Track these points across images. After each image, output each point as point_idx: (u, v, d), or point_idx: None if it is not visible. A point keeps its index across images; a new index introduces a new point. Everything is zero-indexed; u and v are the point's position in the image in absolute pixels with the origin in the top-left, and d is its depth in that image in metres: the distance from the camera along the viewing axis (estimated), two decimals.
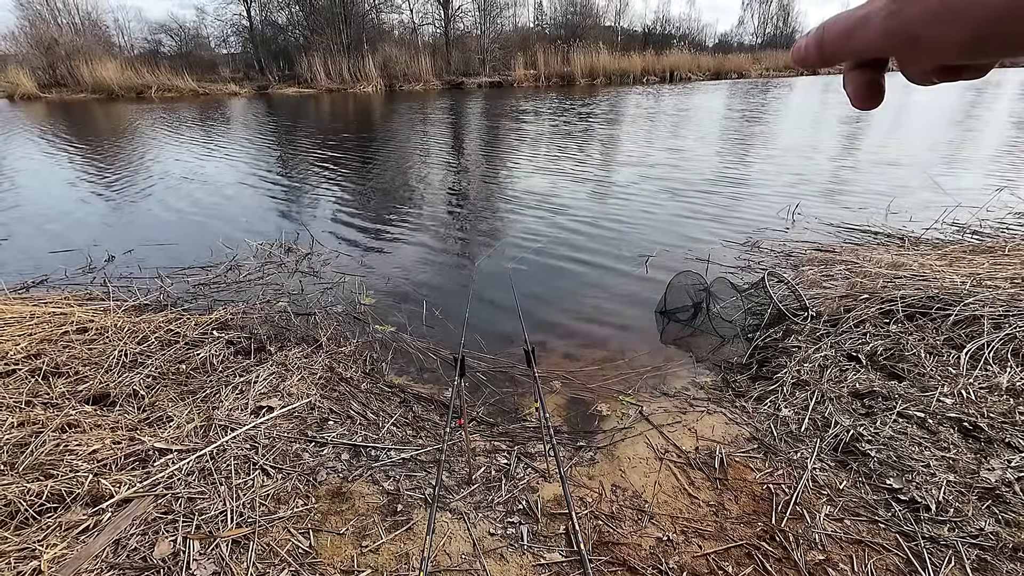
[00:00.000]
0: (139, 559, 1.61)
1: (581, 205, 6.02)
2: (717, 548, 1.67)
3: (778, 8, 46.71)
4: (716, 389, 2.60)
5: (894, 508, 1.76)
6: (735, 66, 33.56)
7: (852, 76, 0.29)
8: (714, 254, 4.32)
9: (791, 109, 15.90)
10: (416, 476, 2.02)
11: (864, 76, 0.29)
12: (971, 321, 2.66)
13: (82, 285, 3.91)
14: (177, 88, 26.52)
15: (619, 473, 2.03)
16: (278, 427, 2.24)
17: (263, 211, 6.11)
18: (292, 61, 30.38)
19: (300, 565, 1.62)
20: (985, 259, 3.58)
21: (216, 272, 4.15)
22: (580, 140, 10.75)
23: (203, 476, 1.94)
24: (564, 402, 2.56)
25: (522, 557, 1.67)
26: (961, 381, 2.28)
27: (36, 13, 29.02)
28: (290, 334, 3.12)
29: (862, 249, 4.17)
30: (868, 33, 0.25)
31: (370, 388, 2.64)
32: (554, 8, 38.07)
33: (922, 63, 0.26)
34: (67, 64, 26.33)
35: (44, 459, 1.95)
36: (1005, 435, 1.98)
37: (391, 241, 5.00)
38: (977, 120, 12.15)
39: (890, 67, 0.28)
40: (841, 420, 2.17)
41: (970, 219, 4.74)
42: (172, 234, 5.21)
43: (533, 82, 29.12)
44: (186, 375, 2.61)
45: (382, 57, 28.81)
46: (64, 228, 5.47)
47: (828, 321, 2.93)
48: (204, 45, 34.09)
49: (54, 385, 2.44)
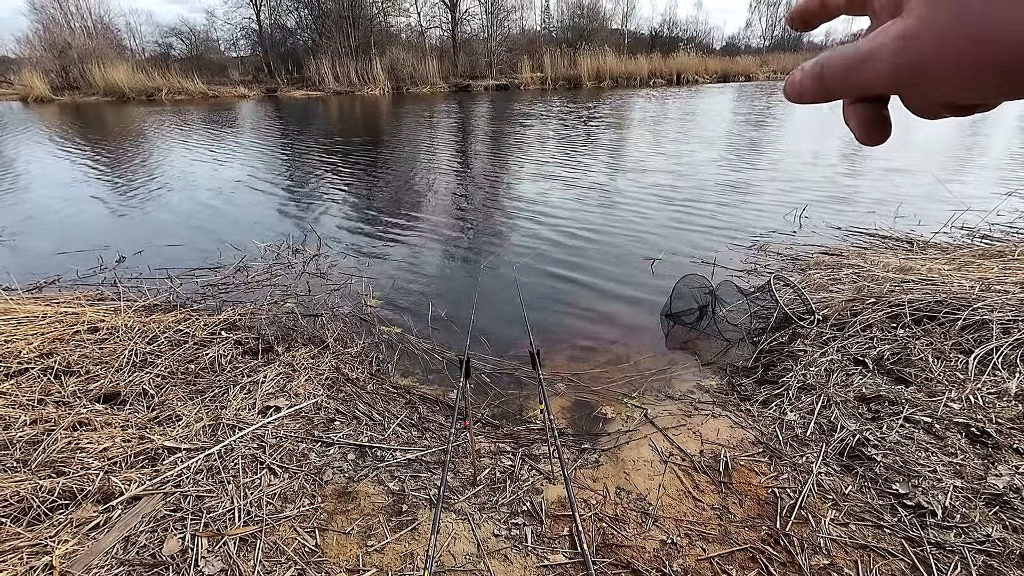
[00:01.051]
0: (148, 556, 1.64)
1: (586, 208, 6.03)
2: (721, 552, 1.67)
3: (786, 11, 46.52)
4: (721, 393, 2.59)
5: (900, 513, 1.75)
6: (742, 69, 33.44)
7: (854, 111, 0.28)
8: (720, 257, 4.32)
9: (798, 112, 15.81)
10: (421, 477, 2.03)
11: (868, 110, 0.27)
12: (979, 326, 2.65)
13: (93, 285, 3.96)
14: (187, 91, 26.78)
15: (623, 476, 2.03)
16: (285, 427, 2.26)
17: (271, 213, 6.16)
18: (300, 64, 30.62)
19: (306, 564, 1.64)
20: (994, 263, 3.55)
21: (225, 273, 4.19)
22: (585, 144, 10.76)
23: (211, 475, 1.96)
24: (569, 404, 2.56)
25: (526, 558, 1.68)
26: (969, 386, 2.27)
27: (50, 17, 29.48)
28: (297, 335, 3.15)
29: (869, 253, 4.15)
30: (875, 70, 0.23)
31: (376, 389, 2.66)
32: (561, 11, 38.14)
33: (934, 101, 0.24)
34: (79, 67, 26.67)
35: (56, 457, 1.98)
36: (1013, 441, 1.97)
37: (397, 243, 5.03)
38: (985, 124, 12.04)
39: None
40: (847, 424, 2.16)
41: (979, 223, 4.70)
42: (182, 235, 5.26)
43: (540, 85, 29.16)
44: (195, 375, 2.64)
45: (389, 60, 28.96)
46: (76, 229, 5.55)
47: (835, 325, 2.92)
48: (214, 48, 34.46)
49: (66, 384, 2.48)
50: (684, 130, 12.30)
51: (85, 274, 4.22)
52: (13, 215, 6.13)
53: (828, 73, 0.25)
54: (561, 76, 29.62)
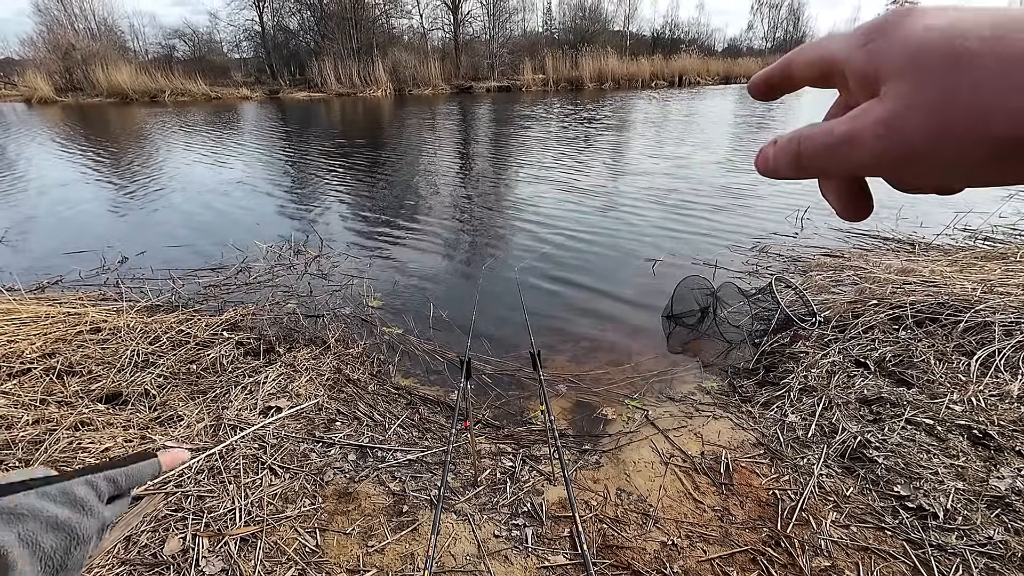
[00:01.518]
0: (149, 555, 1.64)
1: (587, 210, 6.03)
2: (722, 553, 1.67)
3: (788, 13, 46.59)
4: (722, 394, 2.59)
5: (901, 515, 1.75)
6: (744, 70, 33.48)
7: (832, 187, 0.26)
8: (721, 259, 4.31)
9: (801, 115, 15.82)
10: (422, 477, 2.03)
11: (846, 185, 0.26)
12: (982, 328, 2.64)
13: (96, 286, 3.97)
14: (190, 92, 26.91)
15: (624, 477, 2.03)
16: (286, 427, 2.26)
17: (273, 214, 6.18)
18: (303, 66, 30.77)
19: (307, 564, 1.64)
20: (997, 265, 3.54)
21: (227, 274, 4.20)
22: (586, 145, 10.77)
23: (212, 475, 1.97)
24: (570, 405, 2.56)
25: (526, 559, 1.68)
26: (971, 388, 2.26)
27: (54, 19, 29.69)
28: (299, 335, 3.15)
29: (871, 255, 4.14)
30: (856, 155, 0.21)
31: (377, 390, 2.66)
32: (563, 13, 38.29)
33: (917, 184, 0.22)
34: (83, 69, 26.82)
35: (58, 456, 1.99)
36: (1015, 443, 1.96)
37: (399, 244, 5.03)
38: None
39: None
40: (848, 426, 2.16)
41: (981, 225, 4.69)
42: (184, 236, 5.28)
43: (542, 87, 29.22)
44: (196, 375, 2.65)
45: (392, 62, 29.06)
46: (78, 230, 5.57)
47: (836, 327, 2.91)
48: (217, 50, 34.64)
49: (68, 384, 2.48)
50: (685, 132, 12.31)
51: (88, 274, 4.23)
52: (16, 215, 6.16)
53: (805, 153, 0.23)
54: (563, 78, 29.69)
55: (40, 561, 0.33)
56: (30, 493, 0.34)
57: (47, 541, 0.33)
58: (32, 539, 0.33)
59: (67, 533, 0.34)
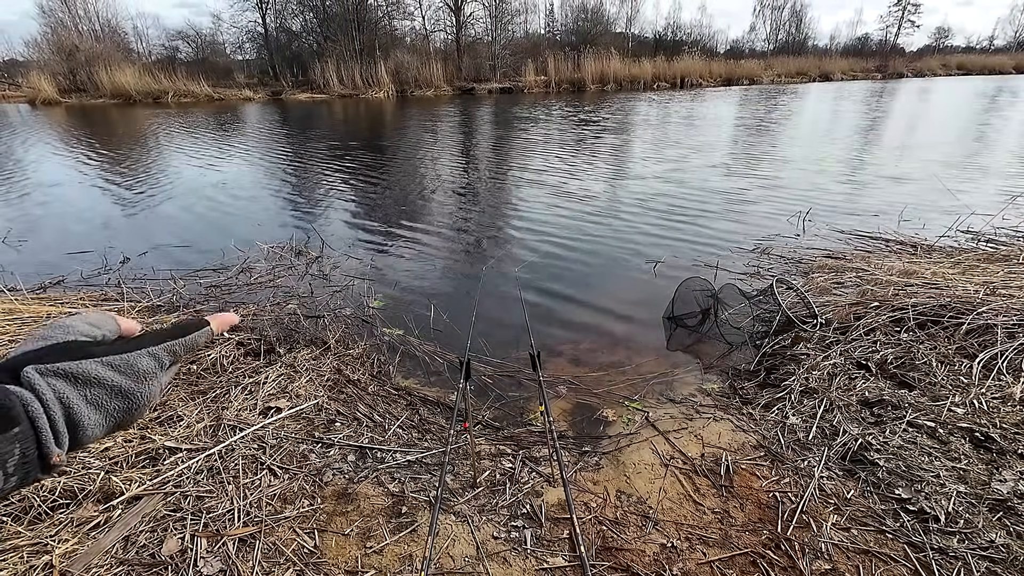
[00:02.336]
0: (148, 555, 1.64)
1: (587, 211, 6.03)
2: (722, 555, 1.66)
3: (791, 15, 46.53)
4: (723, 396, 2.58)
5: (902, 518, 1.74)
6: (746, 72, 33.45)
7: None
8: (723, 260, 4.31)
9: (802, 116, 15.81)
10: (421, 478, 2.03)
11: None
12: (984, 330, 2.63)
13: (97, 286, 3.98)
14: (193, 93, 26.99)
15: (624, 479, 2.02)
16: (286, 428, 2.26)
17: (275, 215, 6.19)
18: (305, 67, 30.82)
19: (305, 565, 1.64)
20: (999, 267, 3.53)
21: (228, 274, 4.20)
22: (588, 147, 10.77)
23: (211, 475, 1.97)
24: (570, 407, 2.56)
25: (525, 561, 1.67)
26: (973, 391, 2.25)
27: (58, 20, 29.80)
28: (299, 336, 3.15)
29: (873, 256, 4.13)
30: None
31: (377, 390, 2.66)
32: (565, 15, 38.32)
33: None
34: (87, 70, 26.92)
35: None
36: (1018, 446, 1.95)
37: (399, 245, 5.04)
38: (991, 128, 11.99)
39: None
40: (849, 429, 2.15)
41: (984, 227, 4.68)
42: (185, 237, 5.29)
43: (544, 88, 29.24)
44: (197, 375, 2.65)
45: (394, 63, 29.12)
46: (80, 230, 5.58)
47: (838, 329, 2.90)
48: (220, 51, 34.75)
49: None
50: (687, 135, 12.30)
51: (89, 275, 4.24)
52: (19, 215, 6.18)
53: None
54: (565, 79, 29.71)
55: (104, 419, 0.40)
56: (98, 361, 0.40)
57: (111, 404, 0.40)
58: (98, 402, 0.39)
59: (130, 399, 0.41)
